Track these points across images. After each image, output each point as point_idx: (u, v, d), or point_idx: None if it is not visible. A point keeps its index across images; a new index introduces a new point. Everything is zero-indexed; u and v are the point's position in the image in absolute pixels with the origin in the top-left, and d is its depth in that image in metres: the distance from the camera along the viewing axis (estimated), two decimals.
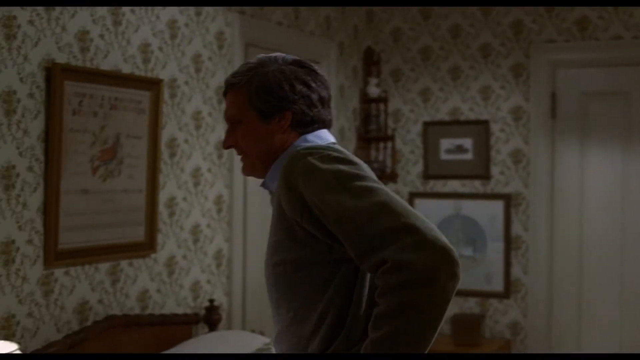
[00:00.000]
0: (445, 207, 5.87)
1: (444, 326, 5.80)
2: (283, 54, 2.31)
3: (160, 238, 4.18)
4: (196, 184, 4.45)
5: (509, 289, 5.71)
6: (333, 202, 2.03)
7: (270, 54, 2.31)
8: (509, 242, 5.70)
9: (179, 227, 4.34)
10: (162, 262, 4.22)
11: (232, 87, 2.27)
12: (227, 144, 2.30)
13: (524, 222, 5.66)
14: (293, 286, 2.17)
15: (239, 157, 2.32)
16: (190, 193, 4.42)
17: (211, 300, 4.41)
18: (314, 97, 2.26)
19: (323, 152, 2.12)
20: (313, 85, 2.26)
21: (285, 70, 2.25)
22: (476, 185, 5.81)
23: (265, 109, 2.23)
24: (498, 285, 5.74)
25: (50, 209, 3.54)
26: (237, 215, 4.74)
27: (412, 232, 1.96)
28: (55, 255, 3.58)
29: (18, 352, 2.80)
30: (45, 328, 3.58)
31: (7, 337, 3.20)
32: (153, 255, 4.16)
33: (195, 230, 4.46)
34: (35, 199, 3.51)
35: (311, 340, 2.16)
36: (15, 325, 3.43)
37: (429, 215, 5.87)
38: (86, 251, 3.75)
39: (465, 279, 5.80)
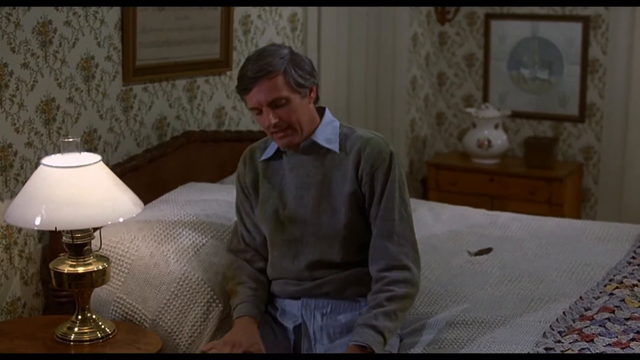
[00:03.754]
0: (522, 28, 5.74)
1: (516, 149, 5.81)
2: (277, 45, 2.82)
3: (235, 55, 4.20)
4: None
5: (584, 113, 5.65)
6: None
7: (271, 46, 2.78)
8: (586, 66, 5.60)
9: (254, 44, 4.34)
10: None
11: (271, 74, 2.68)
12: (272, 121, 2.72)
13: (603, 45, 5.52)
14: (361, 234, 2.83)
15: (277, 134, 2.77)
16: (265, 10, 4.40)
17: None
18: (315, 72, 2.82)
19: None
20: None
21: (296, 52, 2.78)
22: (554, 7, 5.65)
23: (305, 85, 2.73)
24: (573, 109, 5.68)
25: (127, 25, 3.56)
26: (311, 34, 4.72)
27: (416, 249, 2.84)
28: (134, 71, 3.63)
29: (101, 162, 2.88)
30: (126, 142, 3.68)
31: (90, 151, 3.30)
32: (229, 73, 4.19)
33: None
34: (113, 16, 3.54)
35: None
36: (97, 140, 3.53)
37: (505, 37, 5.77)
38: (163, 67, 3.80)
39: (540, 102, 5.75)
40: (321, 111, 2.88)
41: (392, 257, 2.77)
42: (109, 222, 2.83)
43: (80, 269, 2.85)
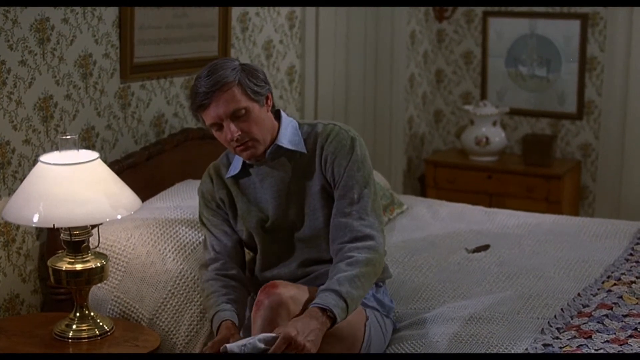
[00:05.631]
0: (520, 26, 5.74)
1: (514, 146, 5.81)
2: (225, 58, 2.85)
3: (233, 53, 4.19)
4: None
5: (582, 110, 5.65)
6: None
7: (219, 60, 2.76)
8: (584, 63, 5.60)
9: (252, 42, 4.34)
10: None
11: (226, 86, 2.63)
12: (234, 134, 2.65)
13: (601, 43, 5.52)
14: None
15: (239, 147, 2.69)
16: (263, 8, 4.40)
17: None
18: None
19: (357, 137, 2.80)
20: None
21: (247, 63, 2.74)
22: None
23: (261, 93, 2.69)
24: (571, 107, 5.68)
25: (125, 23, 3.56)
26: (309, 31, 4.72)
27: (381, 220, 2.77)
28: (131, 68, 3.63)
29: (99, 160, 2.88)
30: (124, 140, 3.68)
31: (88, 148, 3.30)
32: None
33: (268, 46, 4.46)
34: (110, 13, 3.53)
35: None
36: (95, 137, 3.53)
37: (503, 34, 5.77)
38: (161, 65, 3.80)
39: (538, 100, 5.75)
40: (277, 114, 2.83)
41: (352, 229, 2.70)
42: (107, 219, 2.84)
43: (79, 266, 2.85)
